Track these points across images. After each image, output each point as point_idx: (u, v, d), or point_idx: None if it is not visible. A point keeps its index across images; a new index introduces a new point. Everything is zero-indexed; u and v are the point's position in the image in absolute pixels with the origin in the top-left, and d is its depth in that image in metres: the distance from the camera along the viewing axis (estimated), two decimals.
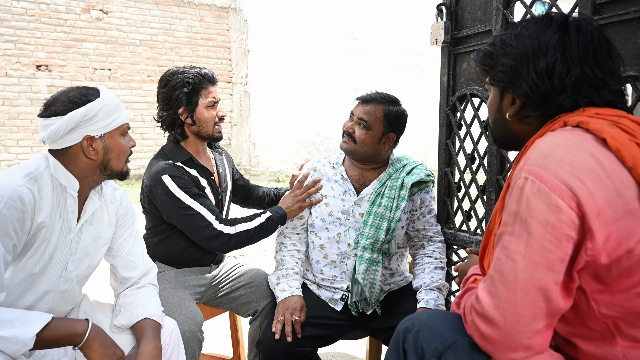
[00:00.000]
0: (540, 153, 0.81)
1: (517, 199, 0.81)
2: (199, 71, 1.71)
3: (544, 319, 0.79)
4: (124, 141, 1.31)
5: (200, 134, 1.75)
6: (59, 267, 1.25)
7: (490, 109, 1.02)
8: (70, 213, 1.25)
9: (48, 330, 1.08)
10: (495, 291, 0.82)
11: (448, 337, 0.90)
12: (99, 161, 1.26)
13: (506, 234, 0.83)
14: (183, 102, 1.69)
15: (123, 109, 1.30)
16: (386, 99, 1.69)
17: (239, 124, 7.52)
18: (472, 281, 1.01)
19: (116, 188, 1.45)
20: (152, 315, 1.34)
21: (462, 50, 1.78)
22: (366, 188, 1.74)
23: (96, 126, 1.22)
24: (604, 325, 0.82)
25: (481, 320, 0.83)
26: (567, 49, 0.86)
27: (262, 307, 1.75)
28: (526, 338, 0.79)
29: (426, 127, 8.53)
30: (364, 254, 1.65)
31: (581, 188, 0.76)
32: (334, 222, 1.74)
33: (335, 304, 1.71)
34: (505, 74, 0.92)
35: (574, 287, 0.80)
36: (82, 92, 1.23)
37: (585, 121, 0.83)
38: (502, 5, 1.59)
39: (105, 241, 1.38)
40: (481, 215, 1.73)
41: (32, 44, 6.18)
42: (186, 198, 1.62)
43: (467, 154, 1.79)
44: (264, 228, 1.69)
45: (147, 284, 1.44)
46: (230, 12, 7.33)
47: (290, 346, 1.53)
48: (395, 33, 8.42)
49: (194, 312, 1.59)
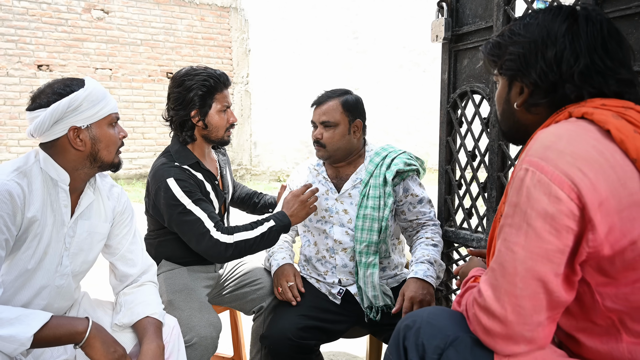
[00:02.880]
0: (542, 144, 0.81)
1: (517, 190, 0.81)
2: (214, 73, 1.66)
3: (546, 311, 0.79)
4: (113, 132, 1.29)
5: (210, 138, 1.71)
6: (54, 262, 1.25)
7: (499, 101, 1.01)
8: (62, 207, 1.24)
9: (47, 329, 1.07)
10: (496, 283, 0.81)
11: (449, 334, 0.89)
12: (87, 152, 1.24)
13: (507, 226, 0.82)
14: (197, 105, 1.64)
15: (110, 98, 1.27)
16: (337, 93, 1.73)
17: (239, 124, 7.51)
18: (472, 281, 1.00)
19: (114, 185, 1.44)
20: (153, 314, 1.33)
21: (462, 47, 1.77)
22: (345, 184, 1.76)
23: (81, 116, 1.20)
24: (608, 321, 0.81)
25: (483, 313, 0.83)
26: (576, 38, 0.86)
27: (267, 304, 1.74)
28: (528, 330, 0.79)
29: (427, 126, 8.52)
30: (361, 259, 1.66)
31: (582, 179, 0.75)
32: (320, 221, 1.77)
33: (334, 298, 1.72)
34: (514, 62, 0.92)
35: (576, 280, 0.80)
36: (66, 83, 1.21)
37: (590, 112, 0.82)
38: (503, 2, 1.58)
39: (101, 237, 1.37)
40: (482, 212, 1.72)
41: (33, 43, 6.19)
42: (188, 202, 1.56)
43: (468, 151, 1.78)
44: (265, 238, 1.59)
45: (147, 281, 1.43)
46: (231, 12, 7.33)
47: (294, 339, 1.53)
48: (396, 32, 8.42)
49: (215, 318, 1.56)
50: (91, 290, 1.51)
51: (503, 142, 1.64)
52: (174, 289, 1.64)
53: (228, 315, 2.09)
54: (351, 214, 1.73)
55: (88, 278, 1.42)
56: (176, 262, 1.76)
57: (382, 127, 8.21)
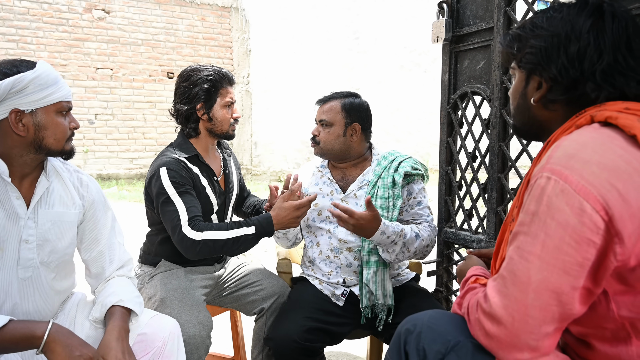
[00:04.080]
0: (565, 152, 0.78)
1: (536, 198, 0.78)
2: (219, 70, 1.75)
3: (555, 323, 0.77)
4: (62, 120, 1.22)
5: (214, 132, 1.77)
6: (12, 257, 1.20)
7: (514, 95, 0.98)
8: (14, 199, 1.19)
9: (3, 332, 1.04)
10: (505, 291, 0.79)
11: (450, 339, 0.88)
12: (30, 139, 1.17)
13: (521, 234, 0.80)
14: (202, 98, 1.72)
15: (63, 86, 1.20)
16: (342, 94, 1.76)
17: (240, 124, 7.52)
18: (472, 281, 0.99)
19: (80, 172, 1.38)
20: (119, 302, 1.29)
21: (463, 48, 1.77)
22: (351, 185, 1.76)
23: (26, 100, 1.14)
24: (619, 325, 0.79)
25: (487, 319, 0.81)
26: (601, 34, 0.83)
27: (269, 306, 1.75)
28: (533, 340, 0.77)
29: (428, 127, 8.51)
30: (370, 258, 1.65)
31: (609, 190, 0.72)
32: (324, 221, 1.76)
33: (338, 299, 1.71)
34: (535, 55, 0.89)
35: (597, 292, 0.77)
36: (15, 64, 1.15)
37: (614, 116, 0.79)
38: (503, 3, 1.58)
39: (69, 225, 1.31)
40: (482, 214, 1.72)
41: (34, 43, 6.19)
42: (172, 193, 1.59)
43: (469, 152, 1.78)
44: (239, 243, 1.56)
45: (118, 275, 1.39)
46: (232, 12, 7.33)
47: (300, 341, 1.53)
48: (397, 32, 8.41)
49: (205, 317, 1.57)
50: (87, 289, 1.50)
51: (503, 144, 1.63)
52: (168, 287, 1.65)
53: (228, 316, 2.09)
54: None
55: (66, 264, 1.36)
56: (176, 262, 1.76)
57: (383, 128, 8.20)
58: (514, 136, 1.60)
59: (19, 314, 1.23)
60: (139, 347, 1.32)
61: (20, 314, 1.23)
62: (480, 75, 1.72)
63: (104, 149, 6.62)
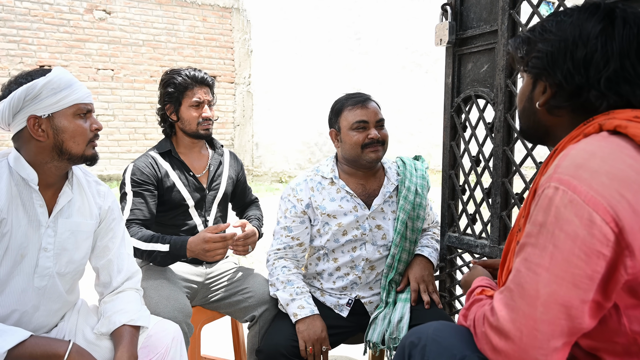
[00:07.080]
0: (573, 162, 0.76)
1: (544, 209, 0.76)
2: (188, 73, 1.83)
3: (564, 337, 0.75)
4: (82, 122, 1.22)
5: (185, 131, 1.87)
6: (31, 264, 1.21)
7: (521, 98, 0.97)
8: (37, 207, 1.20)
9: (24, 347, 1.04)
10: (513, 305, 0.77)
11: (456, 353, 0.86)
12: (50, 143, 1.18)
13: (529, 246, 0.77)
14: (168, 100, 1.85)
15: (79, 88, 1.21)
16: (366, 95, 1.75)
17: (241, 125, 7.50)
18: (478, 292, 0.97)
19: (99, 183, 1.40)
20: (129, 321, 1.30)
21: (467, 51, 1.75)
22: (376, 199, 1.70)
23: (41, 105, 1.15)
24: (631, 340, 0.77)
25: (494, 333, 0.79)
26: (609, 41, 0.81)
27: (260, 314, 1.72)
28: (542, 354, 0.75)
29: (430, 128, 8.49)
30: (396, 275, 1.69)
31: (619, 201, 0.70)
32: (349, 240, 1.68)
33: (341, 309, 1.68)
34: (541, 60, 0.87)
35: (608, 306, 0.75)
36: (30, 73, 1.18)
37: (623, 125, 0.77)
38: (508, 5, 1.55)
39: (86, 235, 1.32)
40: (486, 218, 1.70)
41: (35, 44, 6.18)
42: (129, 189, 1.72)
43: (472, 156, 1.76)
44: (152, 257, 1.64)
45: (127, 288, 1.40)
46: (233, 12, 7.31)
47: (291, 356, 1.50)
48: (398, 33, 8.39)
49: (182, 304, 1.61)
50: (89, 295, 1.49)
51: (507, 148, 1.61)
52: (149, 277, 1.72)
53: (229, 321, 2.07)
54: (385, 228, 1.70)
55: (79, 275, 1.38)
56: None
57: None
58: (518, 140, 1.58)
59: (25, 323, 1.23)
60: (142, 353, 1.33)
61: (26, 324, 1.23)
62: (484, 78, 1.70)
63: (105, 149, 6.61)
